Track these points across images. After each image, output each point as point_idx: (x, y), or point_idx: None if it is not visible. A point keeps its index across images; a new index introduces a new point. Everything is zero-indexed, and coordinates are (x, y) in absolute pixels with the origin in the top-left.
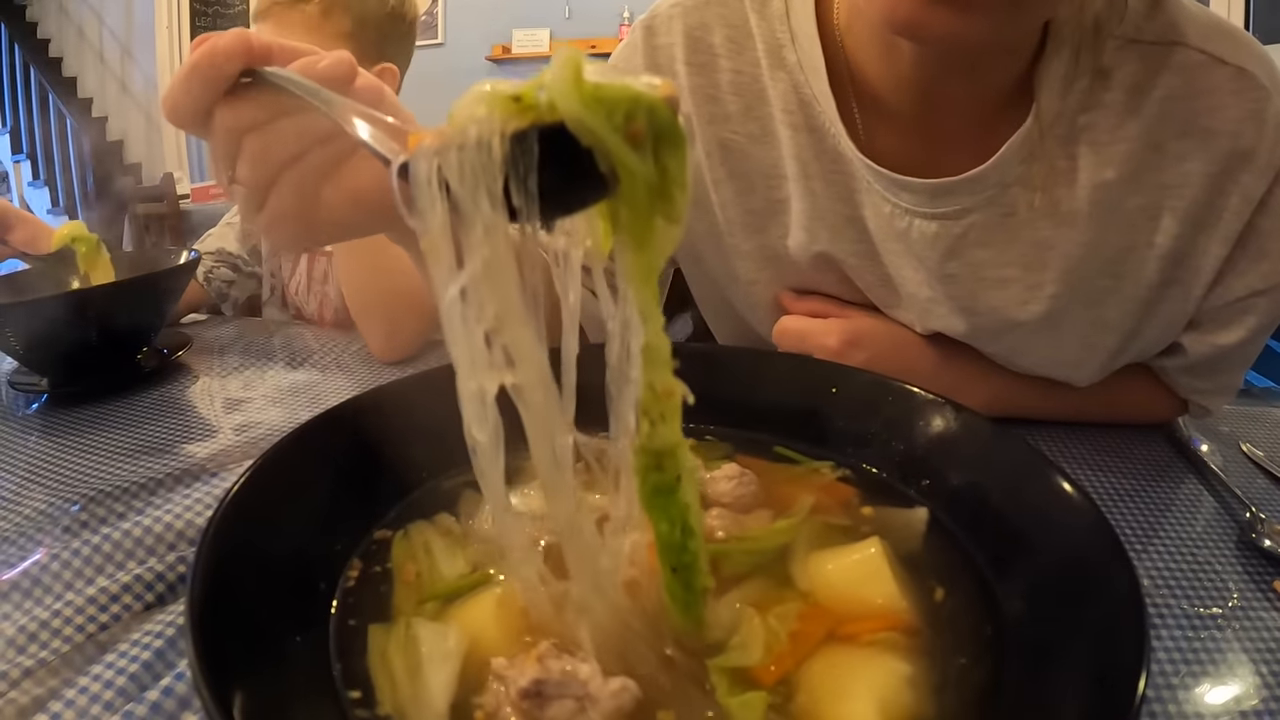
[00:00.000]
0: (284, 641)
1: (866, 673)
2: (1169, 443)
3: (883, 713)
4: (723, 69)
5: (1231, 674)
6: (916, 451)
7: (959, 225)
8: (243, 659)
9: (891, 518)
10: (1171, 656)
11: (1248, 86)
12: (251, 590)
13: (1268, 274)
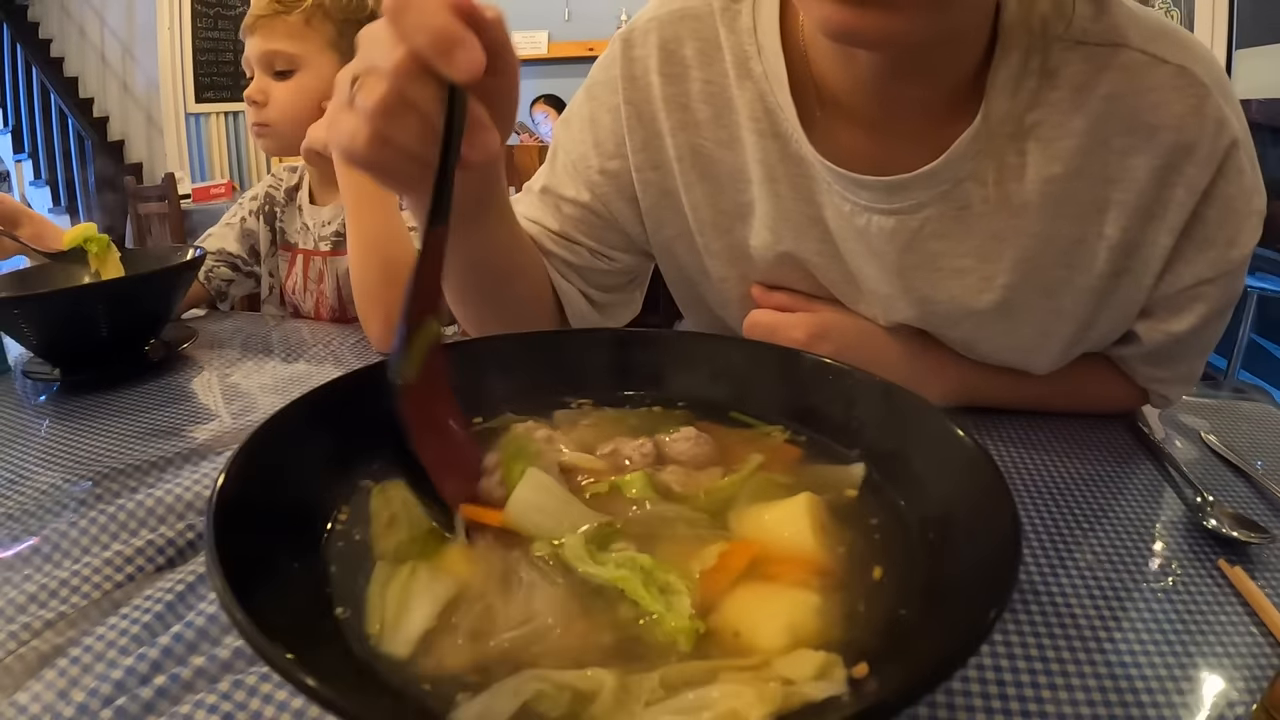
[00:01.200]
0: (284, 567)
1: (781, 601)
2: (1130, 432)
3: (791, 632)
4: (694, 79)
5: (1172, 642)
6: (853, 420)
7: (915, 219)
8: (251, 576)
9: (830, 474)
10: (1121, 625)
11: (1188, 84)
12: (258, 524)
13: (1215, 262)
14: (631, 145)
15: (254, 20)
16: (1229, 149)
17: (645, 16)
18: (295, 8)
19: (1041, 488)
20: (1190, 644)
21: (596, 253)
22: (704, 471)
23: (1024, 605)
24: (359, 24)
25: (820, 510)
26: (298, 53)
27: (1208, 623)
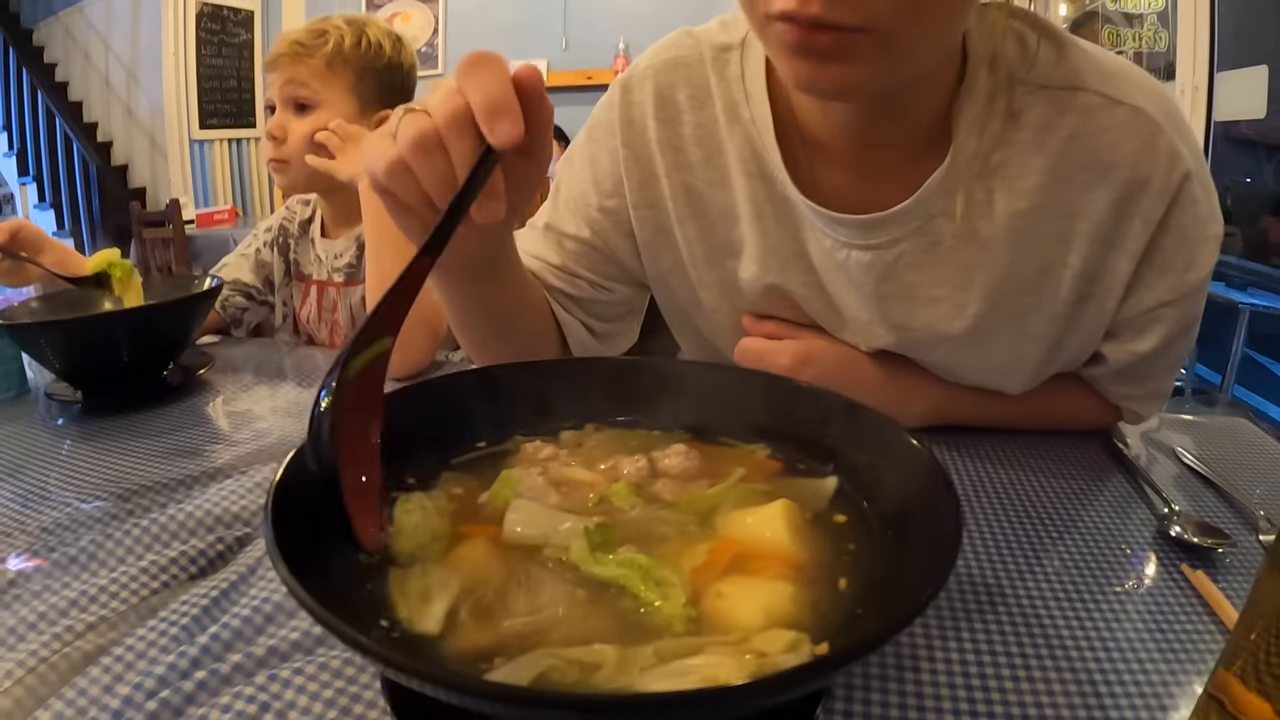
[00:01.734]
0: (328, 564)
1: (759, 590)
2: (1105, 448)
3: (767, 615)
4: (687, 123)
5: (1132, 639)
6: (827, 436)
7: (891, 253)
8: (302, 568)
9: (805, 486)
10: (1085, 625)
11: (1142, 122)
12: (305, 527)
13: (1173, 286)
14: (629, 185)
15: (275, 58)
16: (1182, 181)
17: (642, 64)
18: (317, 52)
19: (1015, 501)
20: (1150, 641)
21: (596, 285)
22: (693, 483)
23: (993, 609)
24: (377, 71)
25: (795, 514)
26: (319, 93)
27: (1168, 622)
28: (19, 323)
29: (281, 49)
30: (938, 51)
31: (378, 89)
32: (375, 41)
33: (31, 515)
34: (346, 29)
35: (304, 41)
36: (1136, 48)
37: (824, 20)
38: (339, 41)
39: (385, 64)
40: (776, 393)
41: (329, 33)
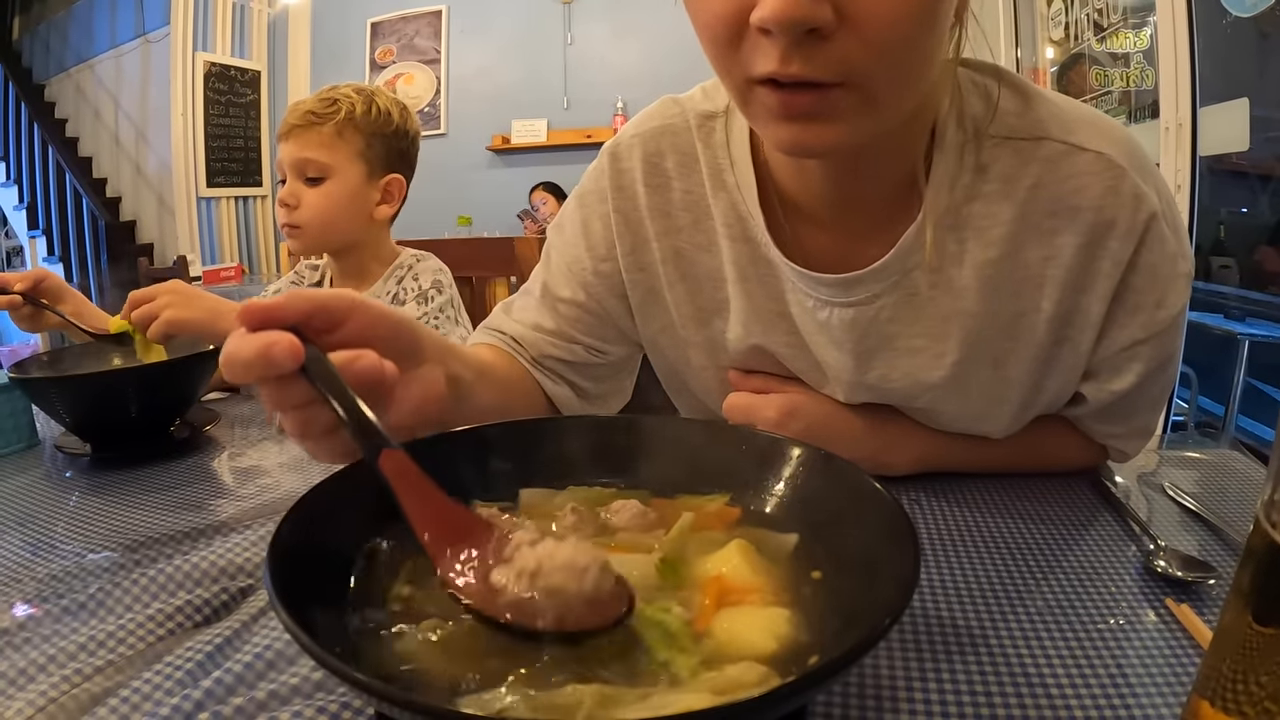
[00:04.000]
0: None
1: (760, 616)
2: (1093, 487)
3: (773, 635)
4: (675, 189)
5: (1115, 675)
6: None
7: (870, 309)
8: (301, 610)
9: (765, 536)
10: (1065, 662)
11: (1105, 167)
12: (301, 572)
13: (1145, 324)
14: (621, 249)
15: (289, 129)
16: (1148, 221)
17: (629, 132)
18: (329, 120)
19: (1001, 544)
20: (1133, 674)
21: (591, 349)
22: (650, 534)
23: (974, 650)
24: (385, 138)
25: (752, 553)
26: (329, 162)
27: (1151, 656)
28: (32, 377)
29: (294, 119)
30: (912, 100)
31: (385, 154)
32: (384, 109)
33: (40, 563)
34: (356, 98)
35: (316, 110)
36: (1124, 87)
37: (806, 79)
38: (350, 109)
39: (393, 130)
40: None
41: (339, 101)
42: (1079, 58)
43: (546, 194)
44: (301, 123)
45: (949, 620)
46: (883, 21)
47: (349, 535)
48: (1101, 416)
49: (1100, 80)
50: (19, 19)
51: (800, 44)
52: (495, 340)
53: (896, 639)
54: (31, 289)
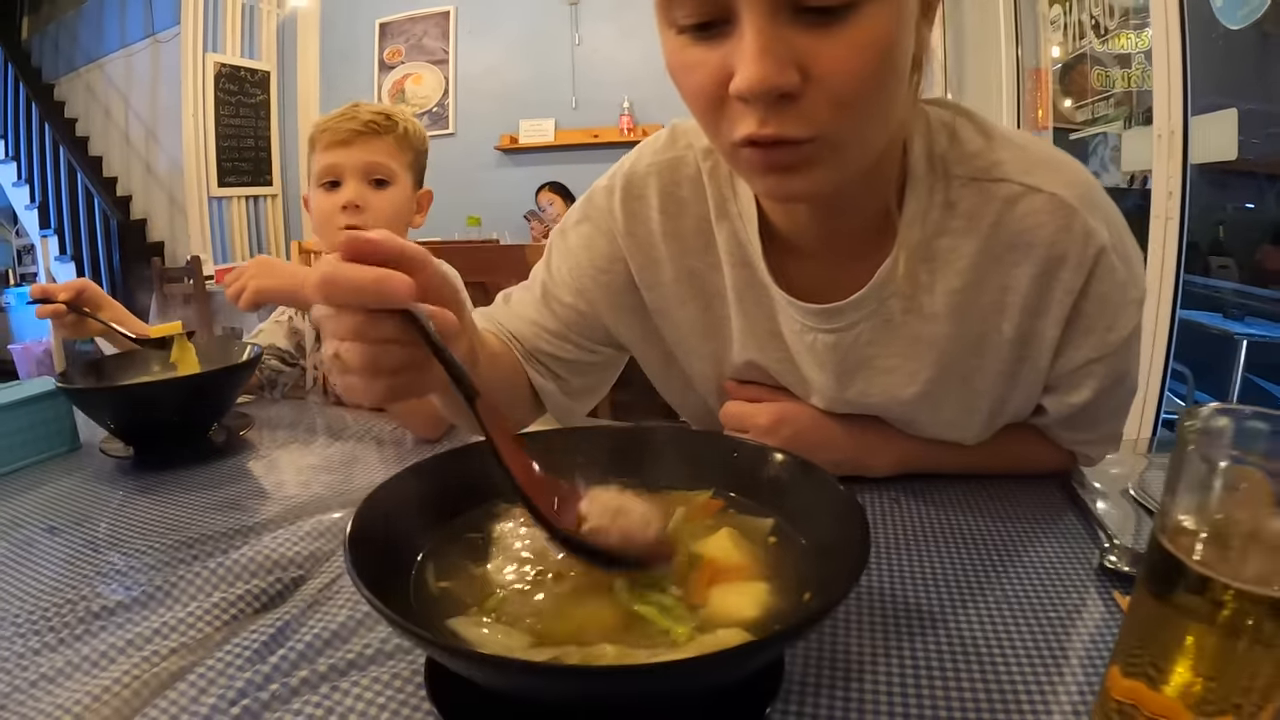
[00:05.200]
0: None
1: (745, 589)
2: (1062, 490)
3: (757, 603)
4: (689, 214)
5: (1058, 658)
6: (770, 482)
7: (850, 335)
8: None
9: (745, 522)
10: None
11: (1057, 207)
12: (371, 552)
13: (1097, 345)
14: (634, 268)
15: (352, 135)
16: (1097, 255)
17: (646, 160)
18: (390, 132)
19: (968, 539)
20: (1075, 657)
21: (583, 348)
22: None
23: (933, 631)
24: (420, 154)
25: (740, 538)
26: (394, 168)
27: (1094, 642)
28: (84, 388)
29: (356, 126)
30: (877, 145)
31: (420, 171)
32: (421, 130)
33: (102, 559)
34: (405, 115)
35: (378, 122)
36: (1126, 87)
37: (781, 137)
38: (404, 125)
39: (425, 149)
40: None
41: (393, 115)
42: (1081, 58)
43: (553, 194)
44: (366, 130)
45: (914, 604)
46: (843, 81)
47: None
48: (1065, 425)
49: (1101, 81)
50: (28, 19)
51: (773, 107)
52: (494, 329)
53: (867, 618)
54: (74, 298)
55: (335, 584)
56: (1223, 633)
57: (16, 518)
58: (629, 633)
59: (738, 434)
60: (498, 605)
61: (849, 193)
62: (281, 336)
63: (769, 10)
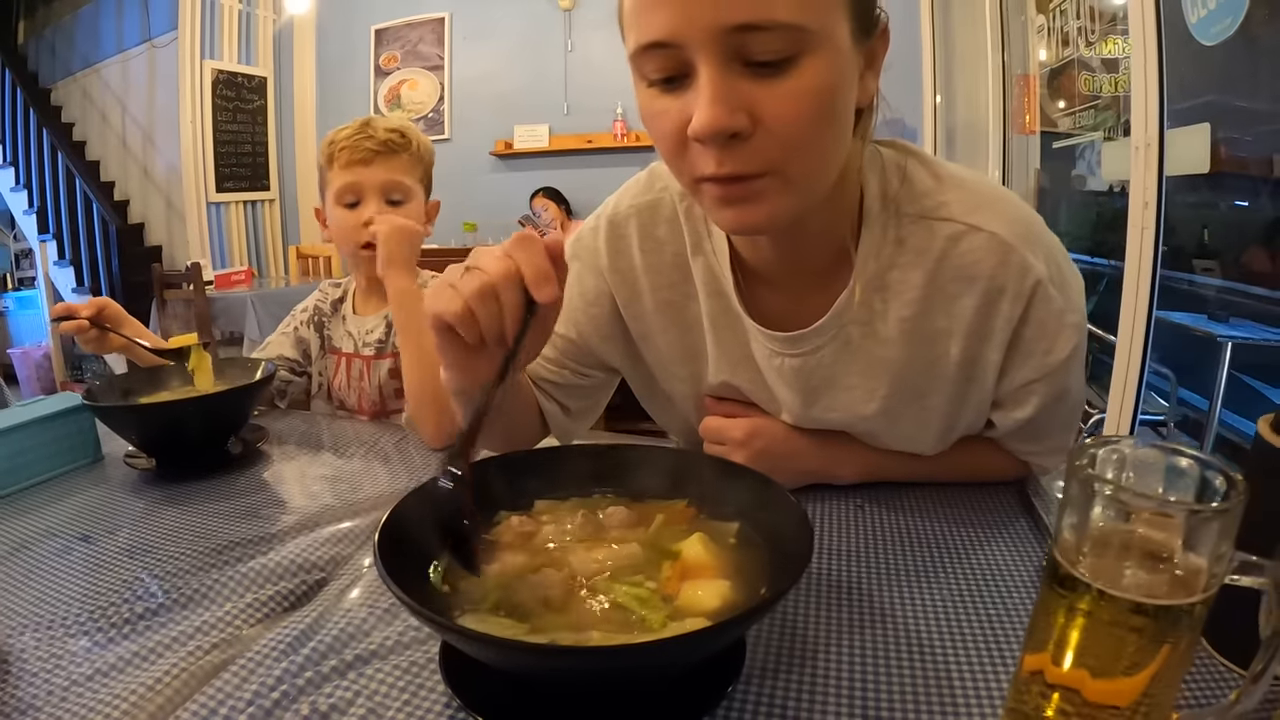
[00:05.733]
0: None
1: (709, 584)
2: (1018, 495)
3: (718, 595)
4: (665, 251)
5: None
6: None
7: (814, 358)
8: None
9: (715, 526)
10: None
11: (996, 245)
12: (396, 558)
13: (1036, 367)
14: (619, 300)
15: (370, 154)
16: (1034, 287)
17: (625, 204)
18: (405, 150)
19: (924, 540)
20: (1008, 647)
21: (578, 373)
22: (633, 530)
23: (881, 622)
24: (428, 167)
25: (709, 541)
26: (409, 186)
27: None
28: (108, 405)
29: (374, 145)
30: (825, 180)
31: (429, 183)
32: (428, 143)
33: (139, 564)
34: (416, 130)
35: (395, 140)
36: (1113, 92)
37: (735, 173)
38: (417, 141)
39: (433, 161)
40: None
41: (406, 133)
42: (1068, 64)
43: (547, 200)
44: (384, 150)
45: (869, 599)
46: (786, 124)
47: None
48: (1014, 438)
49: (1089, 87)
50: (24, 23)
51: (726, 147)
52: None
53: (824, 611)
54: (96, 315)
55: (354, 585)
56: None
57: (51, 527)
58: (612, 621)
59: (716, 445)
60: (500, 600)
61: (809, 228)
62: (289, 347)
63: (722, 64)
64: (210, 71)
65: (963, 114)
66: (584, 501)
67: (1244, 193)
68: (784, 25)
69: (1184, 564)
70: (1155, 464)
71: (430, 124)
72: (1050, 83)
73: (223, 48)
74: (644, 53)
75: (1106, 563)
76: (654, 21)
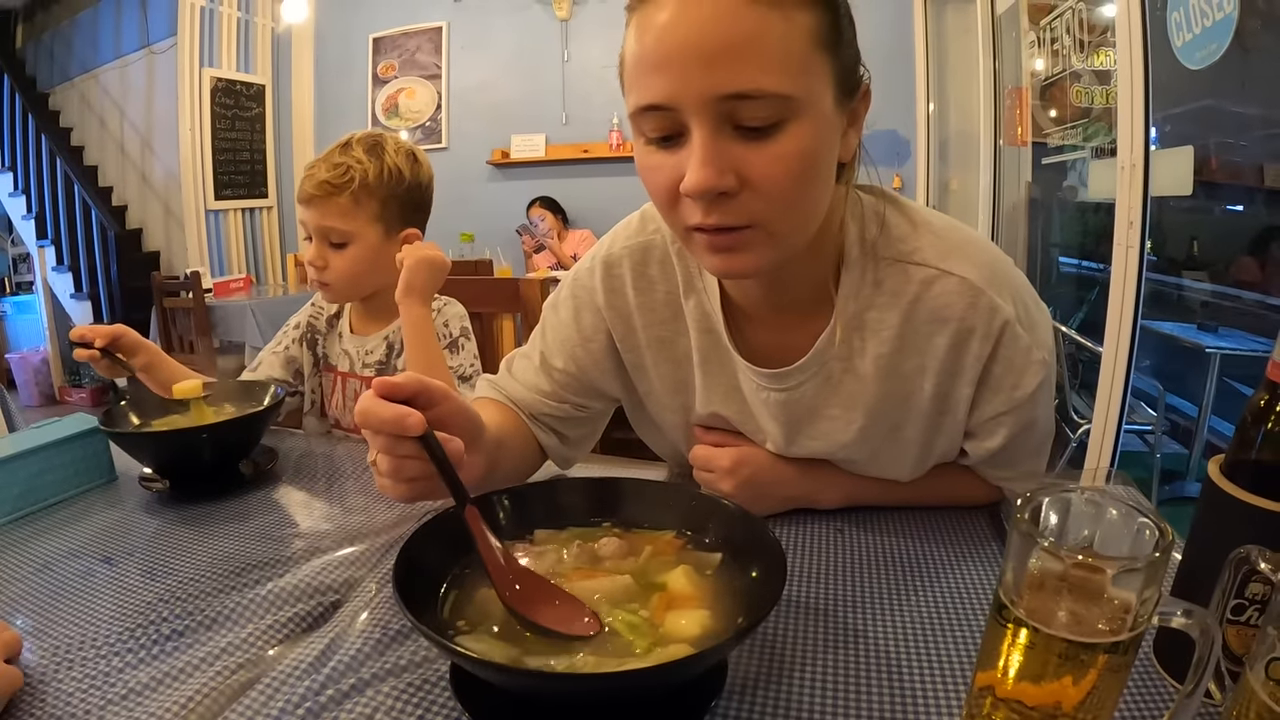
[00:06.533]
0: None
1: (691, 614)
2: (990, 519)
3: (700, 625)
4: (657, 290)
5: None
6: (716, 524)
7: (796, 393)
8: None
9: (698, 557)
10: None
11: (966, 289)
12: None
13: (1005, 401)
14: (615, 335)
15: (308, 197)
16: (1002, 327)
17: (619, 246)
18: (345, 190)
19: (898, 565)
20: (969, 666)
21: (577, 406)
22: (625, 560)
23: (853, 642)
24: (399, 197)
25: (693, 573)
26: (349, 229)
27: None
28: (125, 432)
29: (311, 188)
30: (807, 231)
31: (400, 210)
32: (394, 168)
33: (161, 586)
34: (367, 162)
35: (332, 181)
36: (1105, 104)
37: (722, 225)
38: (362, 176)
39: (405, 188)
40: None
41: (352, 169)
42: (1060, 77)
43: (544, 210)
44: (319, 193)
45: (843, 621)
46: (771, 184)
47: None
48: (987, 465)
49: (1082, 98)
50: (23, 27)
51: (714, 203)
52: (499, 396)
53: (801, 632)
54: (109, 344)
55: (367, 607)
56: (1031, 650)
57: (72, 549)
58: (603, 645)
59: (704, 472)
60: (500, 626)
61: (793, 271)
62: (279, 368)
63: (713, 129)
64: (209, 79)
65: (955, 125)
66: (580, 532)
67: (1234, 202)
68: (772, 95)
69: (1114, 607)
70: (1094, 515)
71: (428, 133)
72: (1042, 94)
73: (221, 55)
74: (642, 113)
75: (1043, 603)
76: (653, 86)
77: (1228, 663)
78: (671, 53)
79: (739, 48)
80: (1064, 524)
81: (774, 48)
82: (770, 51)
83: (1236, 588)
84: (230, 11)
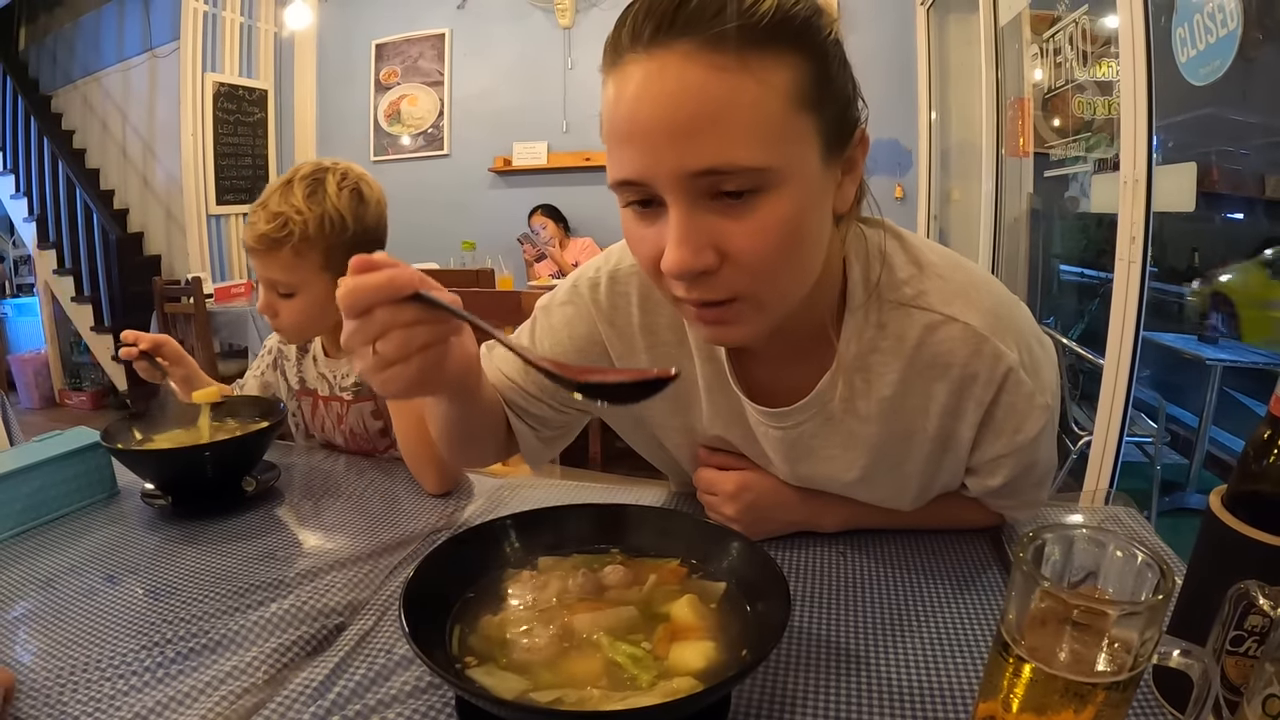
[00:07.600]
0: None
1: (695, 645)
2: (991, 544)
3: (703, 656)
4: (663, 313)
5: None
6: (720, 553)
7: (796, 431)
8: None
9: (704, 586)
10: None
11: (970, 335)
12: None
13: (1006, 444)
14: (613, 353)
15: (253, 246)
16: (1005, 374)
17: (627, 263)
18: (284, 245)
19: (899, 591)
20: (971, 695)
21: (554, 408)
22: (629, 589)
23: (858, 670)
24: (344, 245)
25: (697, 603)
26: (294, 281)
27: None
28: (127, 449)
29: (251, 241)
30: (799, 294)
31: (347, 255)
32: (335, 215)
33: (165, 607)
34: (307, 210)
35: (270, 235)
36: (1108, 115)
37: (704, 300)
38: (302, 229)
39: (350, 235)
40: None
41: (291, 220)
42: (1063, 88)
43: (545, 218)
44: (259, 246)
45: (846, 648)
46: (752, 257)
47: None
48: (989, 496)
49: (1083, 109)
50: (25, 29)
51: (695, 280)
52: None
53: (805, 659)
54: (151, 350)
55: (373, 631)
56: (1032, 684)
57: (74, 565)
58: (608, 678)
59: (708, 495)
60: (507, 656)
61: (791, 318)
62: (257, 390)
63: (688, 204)
64: (211, 83)
65: (957, 135)
66: (585, 559)
67: (1236, 211)
68: (745, 169)
69: (1114, 647)
70: (1096, 554)
71: (430, 140)
72: (1044, 105)
73: (224, 60)
74: (618, 186)
75: (1045, 641)
76: (625, 161)
77: (1226, 693)
78: (640, 128)
79: (708, 121)
80: (1066, 562)
81: (746, 117)
82: (742, 122)
83: (1236, 620)
84: (233, 16)
